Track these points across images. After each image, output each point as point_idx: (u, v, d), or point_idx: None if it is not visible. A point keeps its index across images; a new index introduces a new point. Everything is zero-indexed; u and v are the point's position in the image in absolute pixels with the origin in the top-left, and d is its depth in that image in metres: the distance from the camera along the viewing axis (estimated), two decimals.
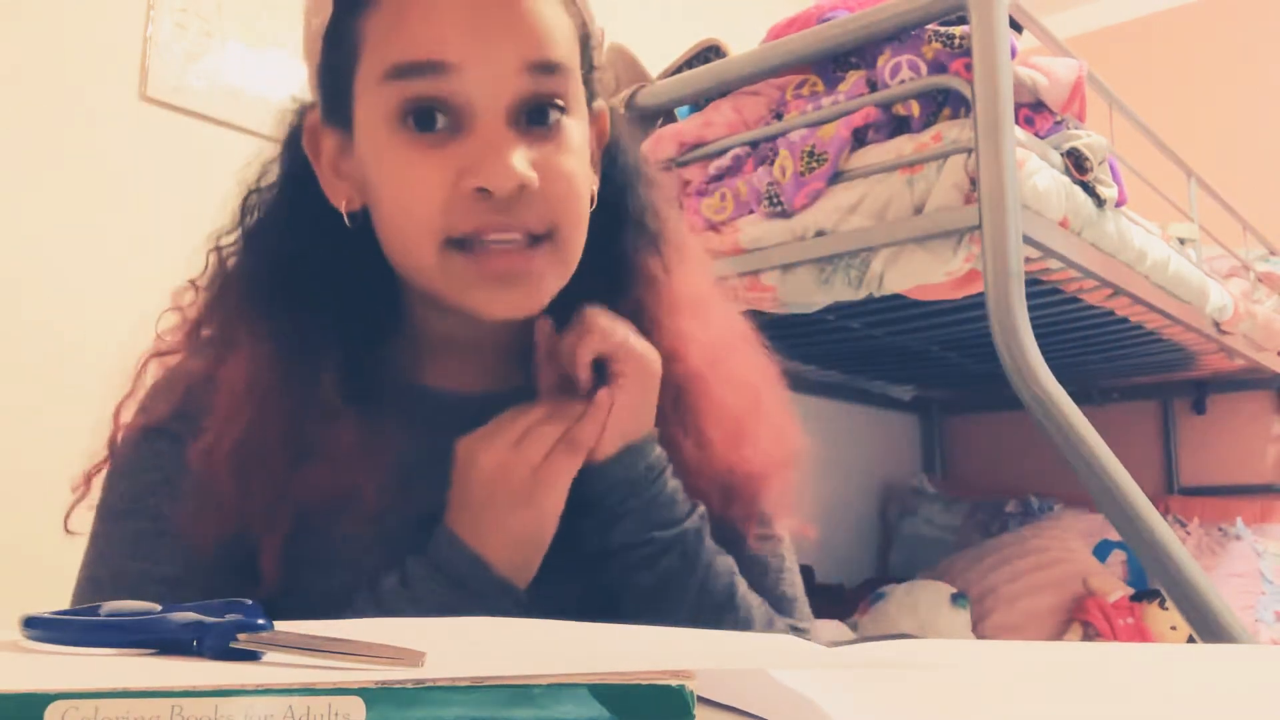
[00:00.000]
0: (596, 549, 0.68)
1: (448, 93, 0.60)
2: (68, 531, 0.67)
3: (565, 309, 0.68)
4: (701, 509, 0.69)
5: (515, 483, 0.63)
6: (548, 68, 0.62)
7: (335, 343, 0.66)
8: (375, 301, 0.69)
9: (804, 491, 0.74)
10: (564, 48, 0.63)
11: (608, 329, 0.66)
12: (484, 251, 0.61)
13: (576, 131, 0.65)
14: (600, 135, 0.72)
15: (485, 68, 0.60)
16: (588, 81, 0.68)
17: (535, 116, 0.62)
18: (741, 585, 0.69)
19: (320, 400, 0.64)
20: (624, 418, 0.66)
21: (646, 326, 0.69)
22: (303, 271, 0.67)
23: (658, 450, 0.68)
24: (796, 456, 0.73)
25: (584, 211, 0.65)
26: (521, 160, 0.60)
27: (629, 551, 0.67)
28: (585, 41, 0.67)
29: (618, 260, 0.71)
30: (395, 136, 0.61)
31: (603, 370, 0.67)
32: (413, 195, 0.61)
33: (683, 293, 0.72)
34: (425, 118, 0.61)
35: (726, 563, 0.69)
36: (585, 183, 0.65)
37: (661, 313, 0.70)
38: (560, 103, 0.63)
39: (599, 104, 0.71)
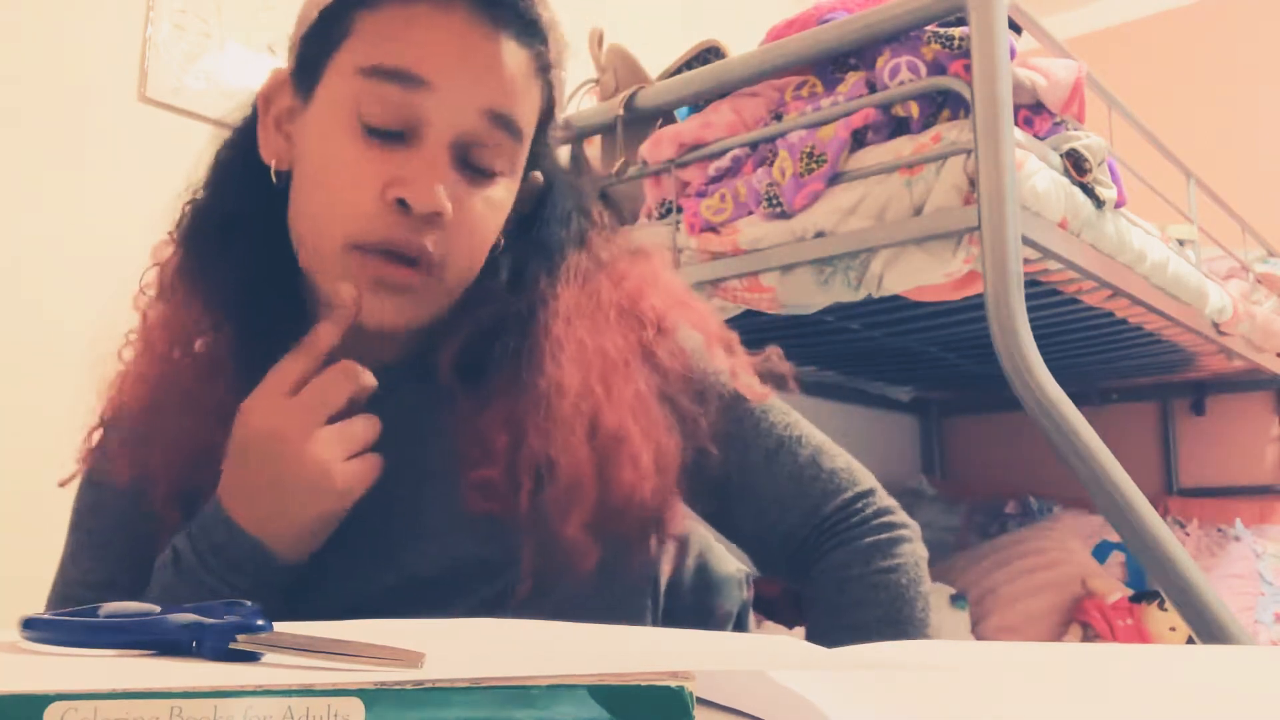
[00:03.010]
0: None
1: (412, 103, 0.64)
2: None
3: (464, 302, 0.72)
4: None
5: (292, 444, 0.63)
6: (503, 120, 0.66)
7: (242, 300, 0.70)
8: (283, 269, 0.72)
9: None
10: (523, 111, 0.68)
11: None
12: (378, 259, 0.65)
13: (505, 193, 0.70)
14: (531, 195, 0.76)
15: (452, 95, 0.64)
16: (536, 154, 0.73)
17: (476, 161, 0.67)
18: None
19: (212, 354, 0.70)
20: None
21: (515, 333, 0.71)
22: (228, 223, 0.72)
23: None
24: (686, 465, 0.72)
25: (479, 253, 0.70)
26: (444, 193, 0.64)
27: None
28: (546, 118, 0.73)
29: (515, 272, 0.74)
30: (347, 126, 0.65)
31: None
32: (339, 186, 0.65)
33: (571, 312, 0.73)
34: (381, 128, 0.65)
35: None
36: (491, 231, 0.70)
37: (536, 326, 0.72)
38: (504, 159, 0.68)
39: (536, 175, 0.76)
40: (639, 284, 0.77)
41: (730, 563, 0.88)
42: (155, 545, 0.67)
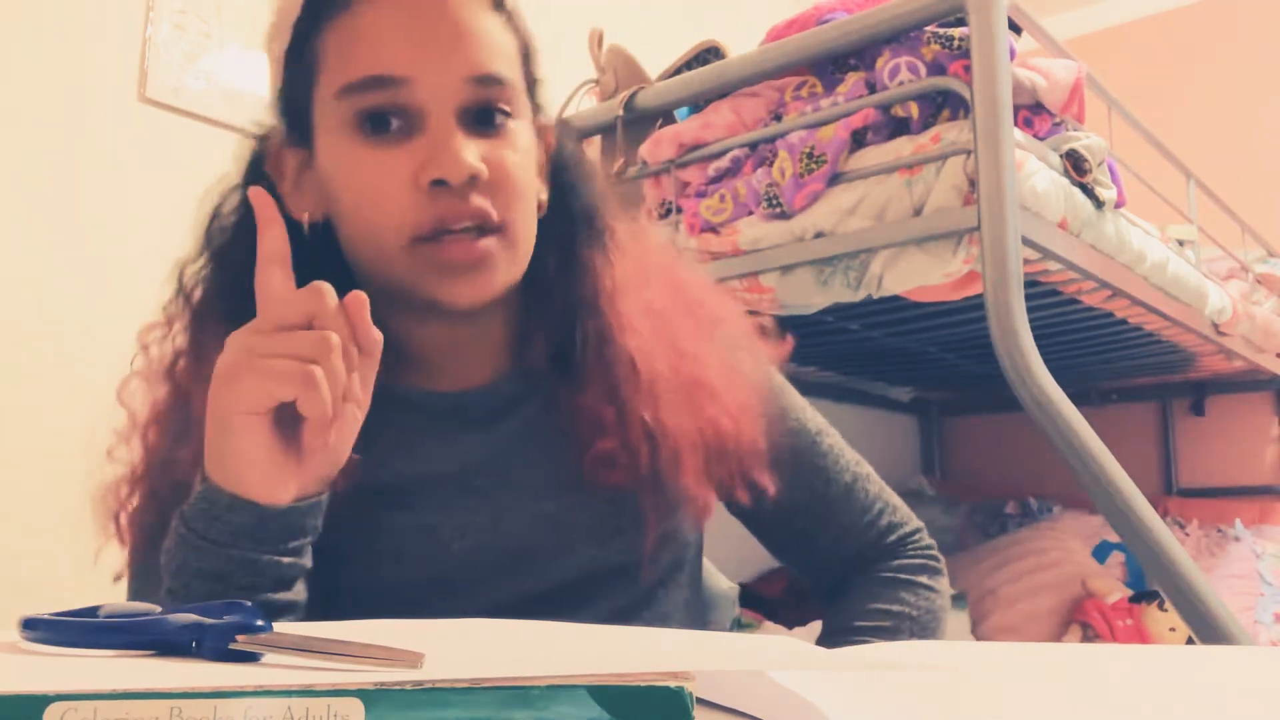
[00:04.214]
0: None
1: (400, 101, 0.65)
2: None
3: (527, 304, 0.74)
4: None
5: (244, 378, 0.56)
6: (489, 80, 0.67)
7: None
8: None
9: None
10: (505, 62, 0.68)
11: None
12: (442, 243, 0.65)
13: (522, 134, 0.70)
14: (546, 148, 0.77)
15: (432, 79, 0.65)
16: (532, 94, 0.74)
17: (482, 118, 0.67)
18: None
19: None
20: None
21: (589, 313, 0.74)
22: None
23: None
24: (763, 404, 0.78)
25: (530, 206, 0.70)
26: (472, 153, 0.64)
27: None
28: (526, 56, 0.72)
29: (566, 257, 0.75)
30: (353, 142, 0.66)
31: None
32: (376, 195, 0.65)
33: (625, 280, 0.76)
34: (380, 122, 0.65)
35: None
36: (530, 180, 0.70)
37: (603, 301, 0.74)
38: (505, 108, 0.68)
39: (543, 119, 0.76)
40: (665, 256, 0.83)
41: (721, 580, 0.92)
42: None
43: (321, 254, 0.69)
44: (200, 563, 0.58)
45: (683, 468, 0.71)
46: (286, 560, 0.59)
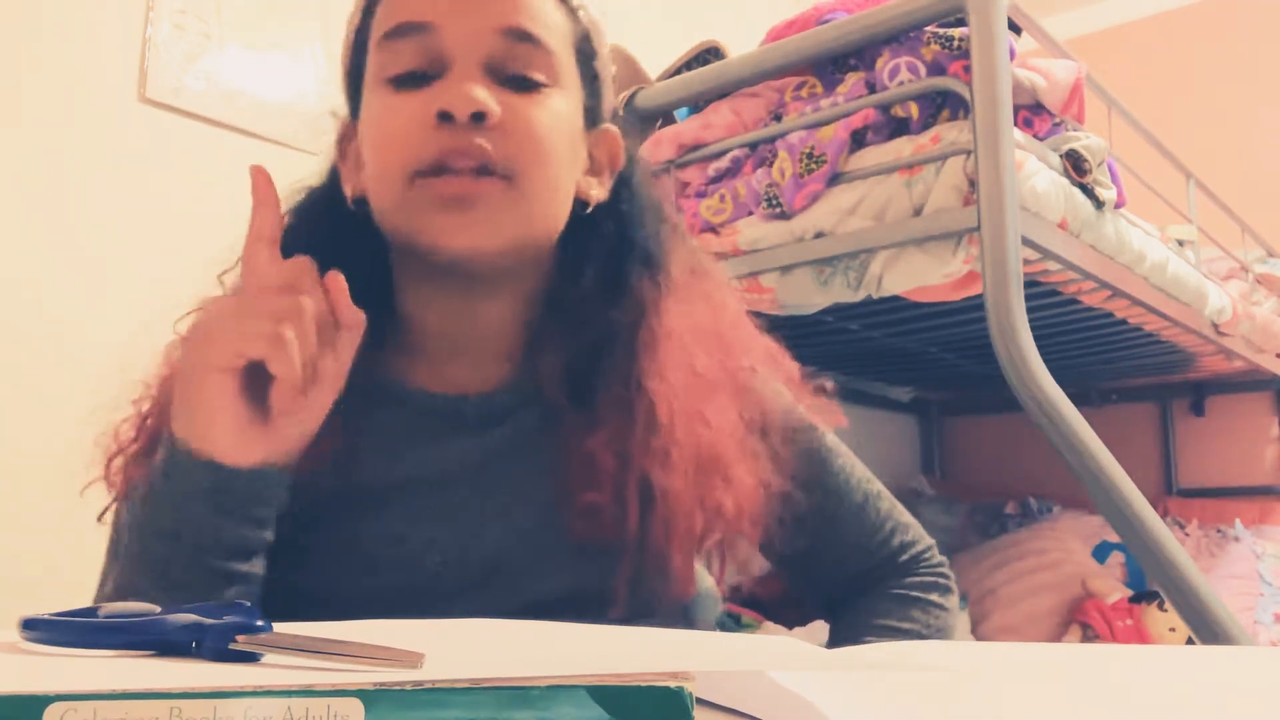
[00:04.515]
0: None
1: (427, 47, 0.65)
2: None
3: (562, 317, 0.71)
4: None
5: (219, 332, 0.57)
6: (523, 36, 0.66)
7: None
8: (375, 293, 0.70)
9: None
10: (545, 28, 0.67)
11: None
12: (441, 178, 0.64)
13: (560, 104, 0.68)
14: (613, 158, 0.75)
15: (461, 26, 0.65)
16: (590, 87, 0.72)
17: (518, 82, 0.66)
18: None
19: None
20: None
21: (623, 350, 0.69)
22: (314, 241, 0.69)
23: None
24: (770, 501, 0.71)
25: (554, 168, 0.67)
26: (485, 93, 0.63)
27: None
28: (583, 45, 0.71)
29: (610, 278, 0.72)
30: (384, 92, 0.66)
31: None
32: (390, 133, 0.66)
33: (673, 328, 0.71)
34: (409, 77, 0.66)
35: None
36: (558, 143, 0.67)
37: (643, 341, 0.70)
38: (541, 74, 0.67)
39: (609, 126, 0.75)
40: (724, 310, 0.77)
41: (707, 578, 0.89)
42: None
43: (365, 229, 0.70)
44: (159, 520, 0.58)
45: (674, 541, 0.66)
46: (245, 528, 0.59)
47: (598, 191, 0.73)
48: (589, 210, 0.72)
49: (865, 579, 0.82)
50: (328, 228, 0.71)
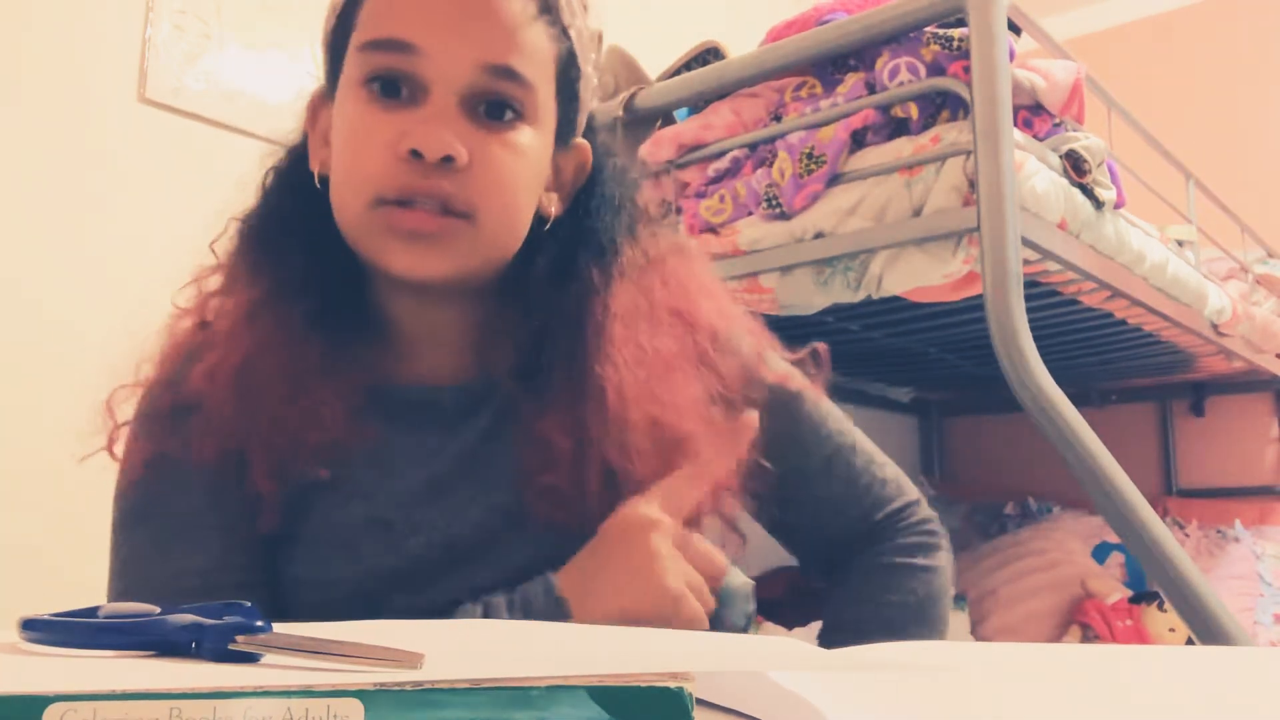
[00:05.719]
0: None
1: (408, 68, 0.65)
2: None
3: (512, 304, 0.72)
4: None
5: (638, 545, 0.62)
6: (504, 73, 0.66)
7: (314, 289, 0.70)
8: (352, 286, 0.73)
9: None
10: (529, 61, 0.67)
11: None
12: (403, 209, 0.65)
13: (531, 139, 0.69)
14: (579, 170, 0.76)
15: (443, 55, 0.65)
16: (568, 111, 0.72)
17: (492, 110, 0.67)
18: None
19: (293, 329, 0.69)
20: None
21: (566, 334, 0.71)
22: (292, 228, 0.72)
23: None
24: (743, 472, 0.71)
25: (515, 205, 0.69)
26: (454, 138, 0.64)
27: None
28: (566, 69, 0.71)
29: (559, 266, 0.73)
30: (360, 98, 0.67)
31: None
32: (359, 150, 0.66)
33: (627, 309, 0.72)
34: (391, 88, 0.66)
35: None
36: (521, 183, 0.69)
37: (590, 325, 0.71)
38: (517, 106, 0.67)
39: (580, 141, 0.75)
40: (688, 286, 0.77)
41: (737, 575, 0.89)
42: (253, 521, 0.66)
43: (327, 209, 0.70)
44: None
45: None
46: None
47: (556, 208, 0.74)
48: (547, 226, 0.73)
49: (847, 538, 0.80)
50: (299, 215, 0.72)
